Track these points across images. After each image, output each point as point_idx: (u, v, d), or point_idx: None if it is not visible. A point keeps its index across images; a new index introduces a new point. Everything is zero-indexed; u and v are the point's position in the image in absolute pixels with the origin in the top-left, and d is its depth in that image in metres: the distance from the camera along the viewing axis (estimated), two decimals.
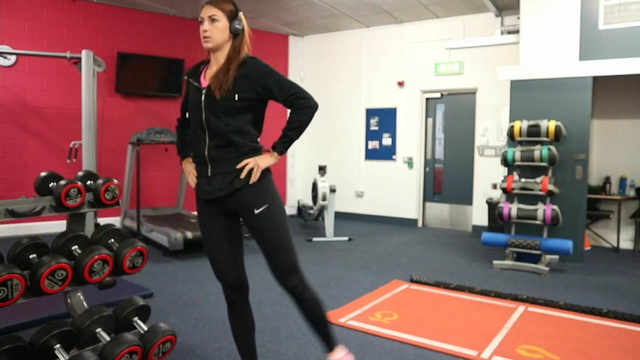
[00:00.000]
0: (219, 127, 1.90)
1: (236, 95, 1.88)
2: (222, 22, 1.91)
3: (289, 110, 1.98)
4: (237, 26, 1.93)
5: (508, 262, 4.69)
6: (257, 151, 1.97)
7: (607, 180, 5.75)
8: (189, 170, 2.07)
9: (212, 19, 1.91)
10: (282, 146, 1.97)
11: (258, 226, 1.92)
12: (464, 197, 6.95)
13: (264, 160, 1.93)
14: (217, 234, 2.01)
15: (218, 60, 1.96)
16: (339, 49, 7.85)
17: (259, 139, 2.02)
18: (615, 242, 5.71)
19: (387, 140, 7.46)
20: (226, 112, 1.90)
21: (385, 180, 7.47)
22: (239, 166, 1.91)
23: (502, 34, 6.27)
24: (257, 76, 1.91)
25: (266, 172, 1.96)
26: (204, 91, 1.93)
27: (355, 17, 7.04)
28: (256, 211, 1.90)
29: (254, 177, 1.90)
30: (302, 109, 1.93)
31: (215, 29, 1.91)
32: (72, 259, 2.13)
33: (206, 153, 1.94)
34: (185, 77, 2.09)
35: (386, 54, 7.41)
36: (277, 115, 3.36)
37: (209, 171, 1.95)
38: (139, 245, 2.26)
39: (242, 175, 1.90)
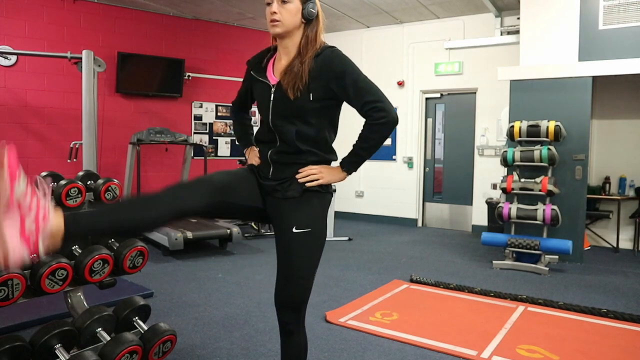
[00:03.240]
0: (289, 133, 1.64)
1: (311, 95, 1.60)
2: (294, 3, 1.60)
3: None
4: (312, 9, 1.62)
5: (508, 262, 4.69)
6: (327, 163, 1.73)
7: (607, 180, 5.76)
8: (252, 157, 1.81)
9: (283, 0, 1.60)
10: (352, 165, 1.71)
11: (288, 244, 1.65)
12: (464, 197, 6.95)
13: (331, 174, 1.68)
14: (245, 186, 1.70)
15: (288, 50, 1.66)
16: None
17: (332, 145, 1.76)
18: (615, 242, 5.71)
19: (387, 140, 7.45)
20: (298, 116, 1.62)
21: (385, 180, 7.47)
22: (300, 170, 1.66)
23: (501, 34, 6.28)
24: (333, 70, 1.60)
25: (326, 193, 1.72)
26: (273, 89, 1.66)
27: (355, 17, 7.04)
28: (295, 230, 1.63)
29: (312, 182, 1.65)
30: (379, 124, 1.62)
31: (285, 11, 1.59)
32: (73, 258, 2.13)
33: (268, 155, 1.70)
34: (247, 67, 1.80)
35: (386, 54, 7.42)
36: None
37: (270, 173, 1.71)
38: (139, 245, 2.26)
39: (300, 177, 1.65)
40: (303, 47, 1.63)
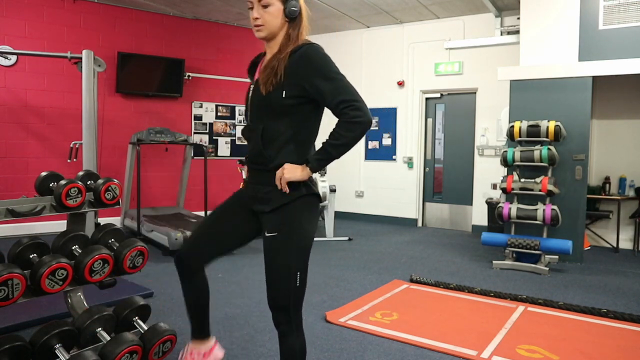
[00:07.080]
0: (257, 130, 1.64)
1: (284, 92, 1.57)
2: (275, 5, 1.61)
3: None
4: (293, 8, 1.61)
5: (508, 262, 4.69)
6: None
7: (607, 180, 5.76)
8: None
9: (263, 4, 1.61)
10: (317, 162, 1.61)
11: (264, 247, 1.69)
12: (464, 197, 6.95)
13: (292, 172, 1.60)
14: (232, 213, 1.82)
15: (272, 50, 1.68)
16: (339, 49, 7.85)
17: (308, 151, 1.69)
18: (615, 242, 5.71)
19: (387, 140, 7.46)
20: (268, 113, 1.61)
21: (385, 180, 7.48)
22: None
23: (501, 34, 6.28)
24: (307, 67, 1.57)
25: (304, 195, 1.65)
26: (252, 86, 1.70)
27: (355, 17, 7.04)
28: (266, 234, 1.67)
29: (283, 187, 1.62)
30: (354, 122, 1.55)
31: (267, 15, 1.60)
32: (73, 258, 2.14)
33: (246, 156, 1.74)
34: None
35: (386, 54, 7.42)
36: None
37: (249, 176, 1.74)
38: (139, 245, 2.27)
39: (279, 185, 1.63)
40: (283, 44, 1.64)
